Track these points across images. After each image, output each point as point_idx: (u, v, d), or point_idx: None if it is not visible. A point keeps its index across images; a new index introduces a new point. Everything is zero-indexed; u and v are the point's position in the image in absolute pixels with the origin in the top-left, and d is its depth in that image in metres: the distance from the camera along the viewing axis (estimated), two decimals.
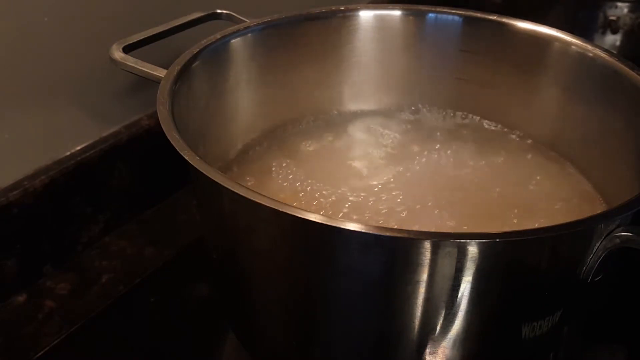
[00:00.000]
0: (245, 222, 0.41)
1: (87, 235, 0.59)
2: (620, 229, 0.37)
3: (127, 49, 0.52)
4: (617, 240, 0.37)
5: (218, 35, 0.52)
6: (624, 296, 0.54)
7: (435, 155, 0.56)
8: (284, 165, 0.54)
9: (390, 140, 0.58)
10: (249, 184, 0.52)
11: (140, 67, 0.50)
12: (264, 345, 0.48)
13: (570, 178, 0.54)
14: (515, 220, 0.49)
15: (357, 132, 0.59)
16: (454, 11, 0.58)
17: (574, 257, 0.38)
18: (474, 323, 0.39)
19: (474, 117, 0.60)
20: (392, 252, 0.36)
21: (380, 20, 0.59)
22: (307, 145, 0.57)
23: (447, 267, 0.36)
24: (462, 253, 0.35)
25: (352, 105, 0.62)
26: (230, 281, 0.47)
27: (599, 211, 0.44)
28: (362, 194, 0.51)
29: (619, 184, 0.48)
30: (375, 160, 0.55)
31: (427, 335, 0.39)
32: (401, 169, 0.54)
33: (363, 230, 0.35)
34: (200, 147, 0.48)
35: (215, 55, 0.52)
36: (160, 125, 0.41)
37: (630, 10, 0.92)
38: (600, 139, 0.52)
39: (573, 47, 0.54)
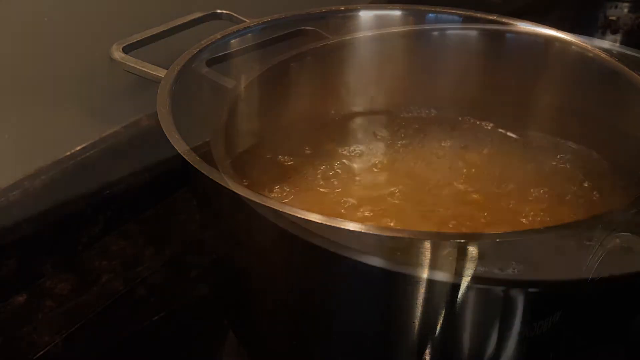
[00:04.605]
0: (245, 222, 0.41)
1: (87, 235, 0.59)
2: (620, 229, 0.37)
3: (127, 49, 0.52)
4: (617, 240, 0.37)
5: (218, 35, 0.52)
6: (623, 296, 0.54)
7: (435, 156, 0.56)
8: (282, 165, 0.54)
9: (390, 141, 0.58)
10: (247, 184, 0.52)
11: (140, 67, 0.50)
12: (264, 345, 0.48)
13: (569, 178, 0.54)
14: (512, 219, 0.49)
15: (357, 133, 0.59)
16: (454, 11, 0.58)
17: (574, 257, 0.38)
18: (474, 323, 0.39)
19: (473, 117, 0.60)
20: (392, 252, 0.36)
21: (380, 20, 0.59)
22: (307, 147, 0.57)
23: (447, 267, 0.36)
24: (462, 253, 0.35)
25: (351, 106, 0.61)
26: (230, 281, 0.47)
27: (599, 212, 0.44)
28: (362, 195, 0.51)
29: (619, 184, 0.48)
30: (375, 161, 0.55)
31: (427, 335, 0.39)
32: (401, 170, 0.54)
33: (363, 231, 0.35)
34: (200, 147, 0.48)
35: (215, 56, 0.52)
36: (160, 125, 0.41)
37: (630, 10, 0.92)
38: (600, 140, 0.52)
39: (573, 47, 0.54)
